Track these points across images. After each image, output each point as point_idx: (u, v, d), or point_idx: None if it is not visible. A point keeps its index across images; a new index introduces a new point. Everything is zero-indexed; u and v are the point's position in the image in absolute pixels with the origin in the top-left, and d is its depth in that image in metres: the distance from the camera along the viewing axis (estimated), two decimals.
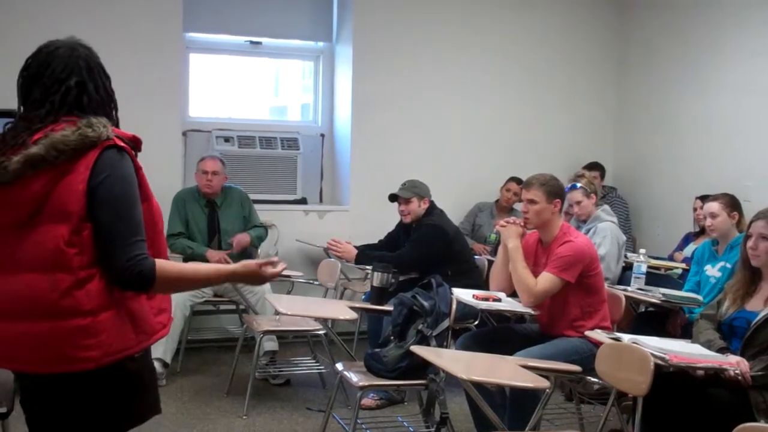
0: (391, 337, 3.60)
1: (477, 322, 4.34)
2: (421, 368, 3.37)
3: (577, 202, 4.66)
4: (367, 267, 4.63)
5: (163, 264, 1.86)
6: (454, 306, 3.78)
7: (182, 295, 4.51)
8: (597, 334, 3.32)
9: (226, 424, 4.05)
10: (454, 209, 5.63)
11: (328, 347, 4.45)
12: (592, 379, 3.38)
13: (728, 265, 4.04)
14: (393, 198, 4.83)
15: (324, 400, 4.34)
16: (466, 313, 4.16)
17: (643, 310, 4.54)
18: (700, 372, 2.96)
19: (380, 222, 5.24)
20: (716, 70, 5.77)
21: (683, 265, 4.93)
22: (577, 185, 4.68)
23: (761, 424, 2.66)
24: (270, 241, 5.59)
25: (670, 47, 6.18)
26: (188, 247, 4.95)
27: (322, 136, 6.31)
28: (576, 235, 3.68)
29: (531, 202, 3.69)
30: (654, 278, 4.59)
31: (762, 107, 5.39)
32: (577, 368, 3.22)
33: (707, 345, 3.09)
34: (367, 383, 3.44)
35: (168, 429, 3.90)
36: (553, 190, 3.69)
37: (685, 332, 3.93)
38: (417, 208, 4.75)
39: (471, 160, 6.33)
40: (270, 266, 2.01)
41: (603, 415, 3.15)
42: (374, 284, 4.30)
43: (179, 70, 5.66)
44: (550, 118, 6.57)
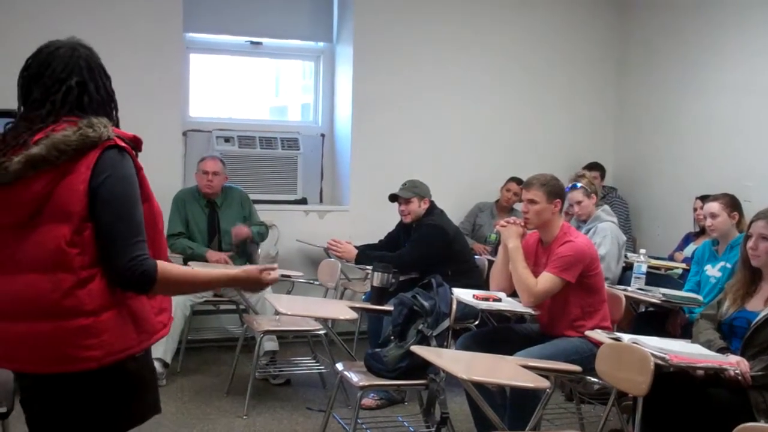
0: (392, 337, 3.60)
1: (477, 322, 4.35)
2: (422, 368, 3.36)
3: (578, 202, 4.66)
4: (368, 267, 4.63)
5: (165, 266, 1.86)
6: (454, 306, 3.78)
7: None
8: (597, 334, 3.33)
9: (226, 424, 4.05)
10: (454, 209, 5.63)
11: (328, 347, 4.45)
12: (593, 379, 3.38)
13: (728, 265, 4.04)
14: (393, 198, 4.83)
15: (324, 400, 4.34)
16: (466, 313, 4.16)
17: (644, 310, 4.54)
18: (700, 372, 2.96)
19: (380, 222, 5.24)
20: (716, 70, 5.77)
21: (683, 265, 4.93)
22: (577, 185, 4.68)
23: (761, 424, 2.66)
24: (270, 241, 5.60)
25: (670, 47, 6.18)
26: (188, 247, 4.95)
27: (323, 136, 6.31)
28: (576, 235, 3.68)
29: (531, 202, 3.69)
30: (654, 278, 4.59)
31: (762, 107, 5.39)
32: (577, 368, 3.22)
33: (707, 345, 3.09)
34: (367, 383, 3.44)
35: (168, 429, 3.90)
36: (554, 190, 3.69)
37: (685, 332, 3.93)
38: (417, 208, 4.75)
39: (471, 160, 6.33)
40: (269, 272, 2.04)
41: (603, 415, 3.15)
42: (374, 284, 4.30)
43: (179, 70, 5.66)
44: (550, 118, 6.57)
